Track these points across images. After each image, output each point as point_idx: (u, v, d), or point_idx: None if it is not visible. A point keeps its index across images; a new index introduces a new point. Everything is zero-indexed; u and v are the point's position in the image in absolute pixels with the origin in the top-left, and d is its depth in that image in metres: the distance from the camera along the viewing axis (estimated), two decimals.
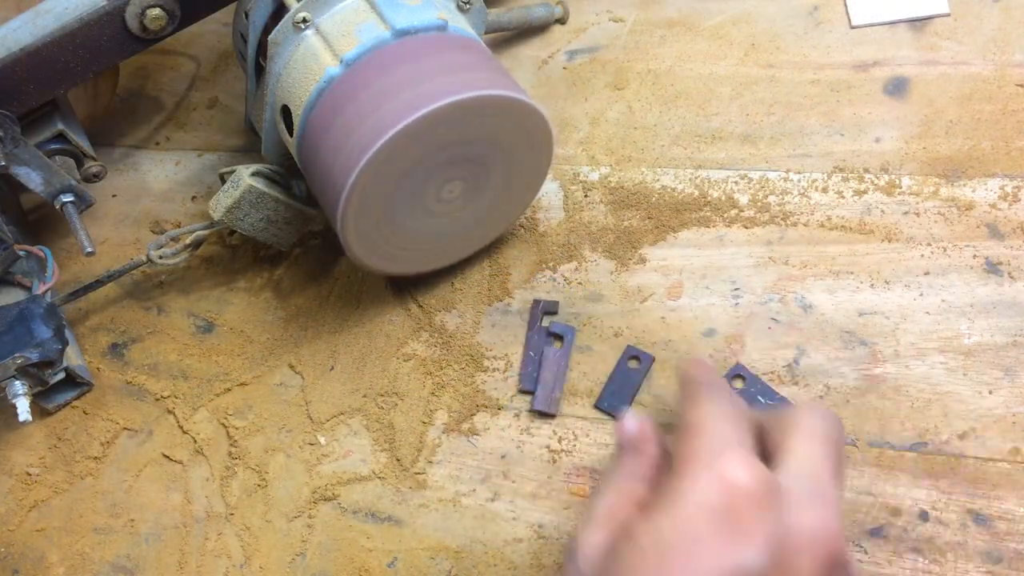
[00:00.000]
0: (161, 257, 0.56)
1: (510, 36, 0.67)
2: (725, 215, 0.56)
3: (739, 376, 0.50)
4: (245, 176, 0.52)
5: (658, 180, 0.58)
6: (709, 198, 0.56)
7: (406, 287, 0.57)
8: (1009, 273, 0.50)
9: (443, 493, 0.50)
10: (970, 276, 0.51)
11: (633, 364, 0.51)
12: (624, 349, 0.52)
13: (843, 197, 0.55)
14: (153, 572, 0.51)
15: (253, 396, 0.55)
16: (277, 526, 0.51)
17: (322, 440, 0.53)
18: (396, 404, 0.53)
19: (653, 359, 0.51)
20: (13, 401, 0.51)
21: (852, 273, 0.52)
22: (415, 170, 0.47)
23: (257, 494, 0.52)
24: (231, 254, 0.61)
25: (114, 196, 0.66)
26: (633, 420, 0.40)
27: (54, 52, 0.51)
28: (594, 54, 0.65)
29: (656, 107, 0.61)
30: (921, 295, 0.51)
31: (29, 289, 0.55)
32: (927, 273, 0.51)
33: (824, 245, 0.53)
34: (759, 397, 0.49)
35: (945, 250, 0.52)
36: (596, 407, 0.50)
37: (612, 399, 0.50)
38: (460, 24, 0.51)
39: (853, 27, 0.61)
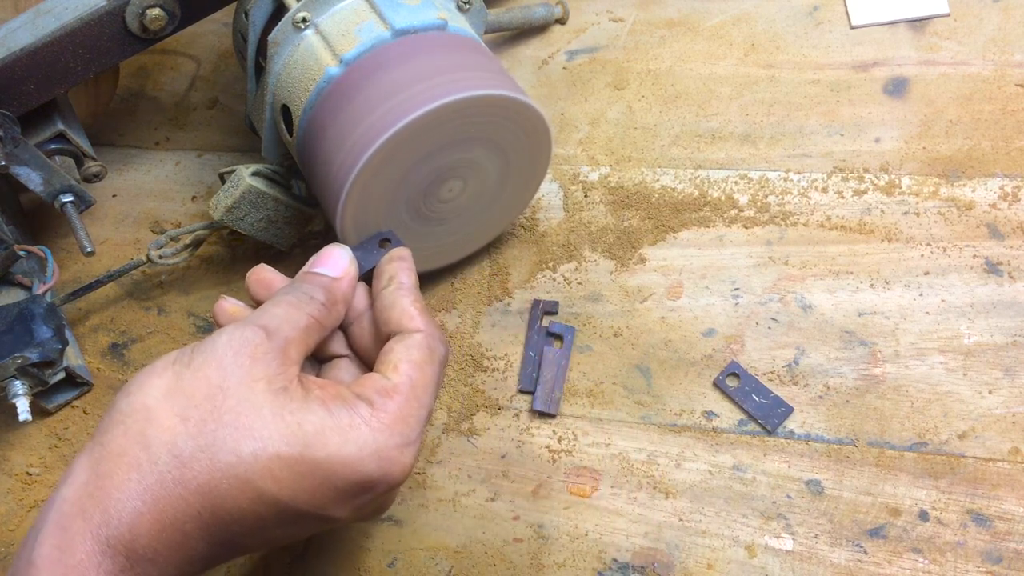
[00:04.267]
0: (161, 257, 0.56)
1: (510, 36, 0.67)
2: (725, 215, 0.56)
3: (734, 374, 0.50)
4: (245, 176, 0.52)
5: (658, 180, 0.58)
6: (709, 198, 0.56)
7: None
8: (1009, 273, 0.50)
9: (443, 493, 0.50)
10: (970, 276, 0.51)
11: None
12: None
13: (843, 197, 0.55)
14: None
15: None
16: None
17: None
18: None
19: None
20: (13, 401, 0.51)
21: (852, 273, 0.52)
22: (415, 169, 0.47)
23: None
24: (231, 254, 0.61)
25: (114, 196, 0.66)
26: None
27: (54, 52, 0.52)
28: (594, 54, 0.65)
29: (656, 107, 0.61)
30: (921, 295, 0.51)
31: (29, 289, 0.55)
32: (927, 273, 0.51)
33: (824, 245, 0.53)
34: (753, 395, 0.49)
35: (945, 250, 0.52)
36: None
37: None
38: (460, 24, 0.51)
39: (853, 27, 0.61)
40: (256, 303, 0.42)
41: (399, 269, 0.42)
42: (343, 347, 0.43)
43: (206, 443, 0.33)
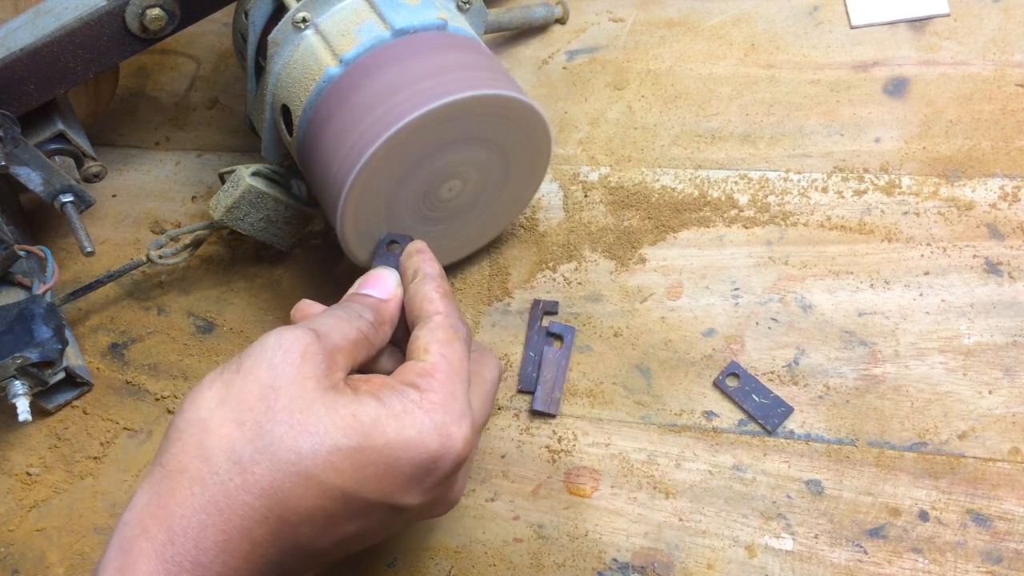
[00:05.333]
0: (161, 257, 0.56)
1: (510, 36, 0.67)
2: (725, 215, 0.56)
3: (734, 374, 0.50)
4: (245, 176, 0.52)
5: (658, 180, 0.58)
6: (709, 198, 0.56)
7: None
8: (1009, 273, 0.50)
9: None
10: (970, 276, 0.51)
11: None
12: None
13: (843, 197, 0.55)
14: None
15: None
16: None
17: None
18: None
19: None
20: (13, 401, 0.51)
21: (852, 273, 0.52)
22: (414, 169, 0.47)
23: None
24: (231, 254, 0.61)
25: (114, 196, 0.66)
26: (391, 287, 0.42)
27: (54, 52, 0.52)
28: (594, 54, 0.65)
29: (656, 107, 0.61)
30: (921, 295, 0.51)
31: (29, 289, 0.55)
32: (927, 273, 0.51)
33: (824, 245, 0.53)
34: (753, 395, 0.49)
35: (945, 250, 0.52)
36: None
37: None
38: (460, 24, 0.51)
39: (853, 27, 0.61)
40: None
41: (421, 261, 0.43)
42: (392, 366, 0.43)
43: (264, 444, 0.33)
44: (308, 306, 0.42)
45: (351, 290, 0.42)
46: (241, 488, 0.32)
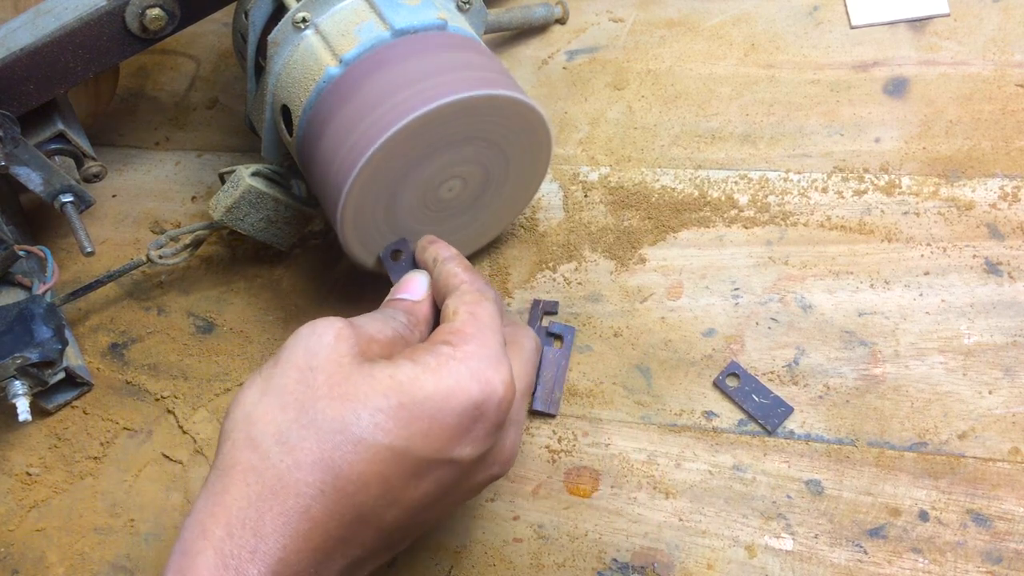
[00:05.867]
0: (161, 257, 0.56)
1: (510, 36, 0.67)
2: (725, 215, 0.56)
3: (734, 374, 0.50)
4: (245, 176, 0.52)
5: (658, 180, 0.58)
6: (709, 198, 0.56)
7: None
8: (1009, 273, 0.50)
9: None
10: (970, 276, 0.51)
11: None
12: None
13: (843, 197, 0.55)
14: (153, 572, 0.51)
15: None
16: None
17: None
18: None
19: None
20: (13, 401, 0.51)
21: (852, 273, 0.52)
22: (414, 170, 0.47)
23: None
24: (231, 254, 0.61)
25: (114, 196, 0.66)
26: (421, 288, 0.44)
27: (54, 52, 0.52)
28: (594, 54, 0.65)
29: (656, 107, 0.61)
30: (921, 295, 0.51)
31: (29, 289, 0.55)
32: (927, 273, 0.51)
33: (824, 245, 0.53)
34: (753, 395, 0.49)
35: (945, 250, 0.52)
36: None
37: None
38: (460, 24, 0.51)
39: (853, 27, 0.61)
40: None
41: (437, 249, 0.44)
42: None
43: (308, 420, 0.34)
44: None
45: (388, 297, 0.44)
46: (293, 467, 0.33)
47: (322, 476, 0.33)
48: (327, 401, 0.34)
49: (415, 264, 0.47)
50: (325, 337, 0.36)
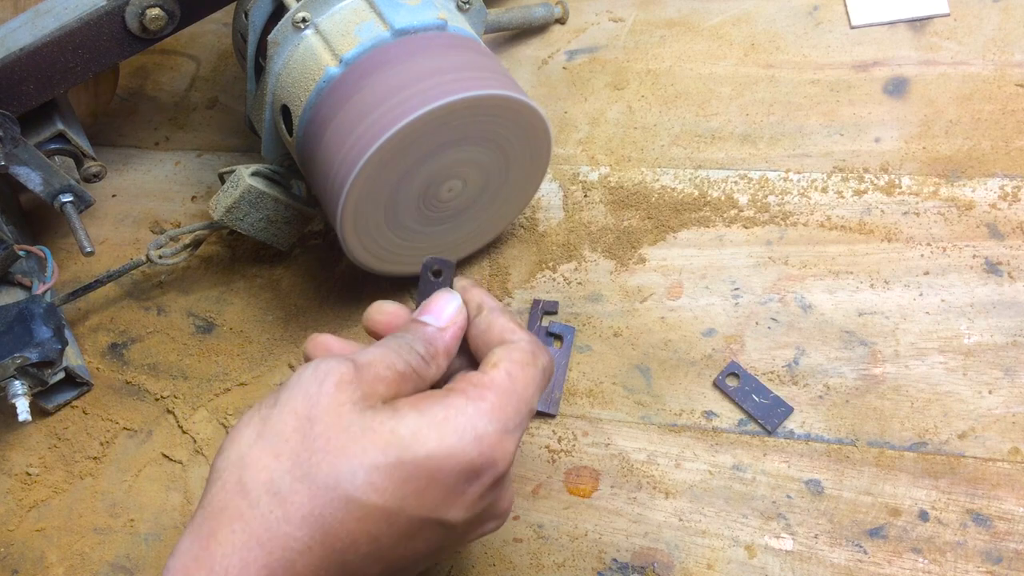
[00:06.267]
0: (161, 257, 0.56)
1: (510, 36, 0.67)
2: (725, 215, 0.56)
3: (734, 374, 0.50)
4: (245, 176, 0.52)
5: (658, 180, 0.58)
6: (709, 198, 0.56)
7: (406, 287, 0.57)
8: (1009, 273, 0.50)
9: None
10: (970, 276, 0.51)
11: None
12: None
13: (843, 197, 0.55)
14: (153, 572, 0.51)
15: (253, 396, 0.55)
16: None
17: None
18: None
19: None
20: (13, 401, 0.51)
21: (852, 273, 0.52)
22: (414, 169, 0.47)
23: None
24: (231, 254, 0.61)
25: (114, 196, 0.66)
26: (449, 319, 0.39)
27: (54, 52, 0.51)
28: (594, 54, 0.65)
29: (656, 107, 0.61)
30: (921, 295, 0.51)
31: (29, 289, 0.55)
32: (927, 273, 0.51)
33: (824, 245, 0.53)
34: (753, 395, 0.49)
35: (945, 250, 0.52)
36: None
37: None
38: (460, 24, 0.51)
39: (853, 27, 0.61)
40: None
41: (482, 296, 0.40)
42: None
43: (303, 473, 0.32)
44: (325, 340, 0.40)
45: (414, 314, 0.40)
46: (282, 519, 0.32)
47: (311, 532, 0.32)
48: (323, 455, 0.33)
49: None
50: (326, 384, 0.34)
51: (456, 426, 0.34)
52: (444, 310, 0.39)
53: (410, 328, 0.39)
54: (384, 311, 0.40)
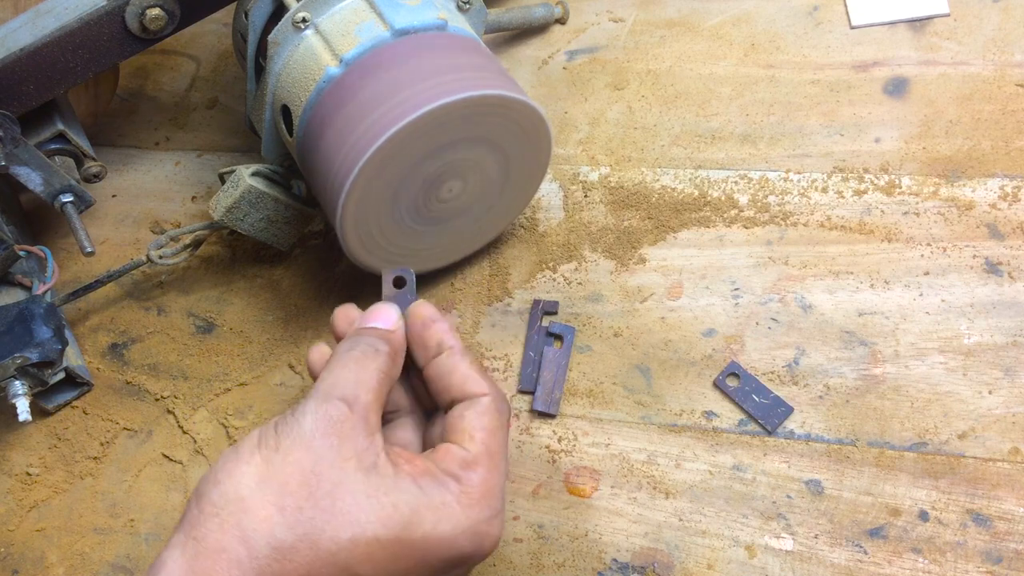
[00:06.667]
0: (161, 257, 0.56)
1: (510, 36, 0.67)
2: (725, 215, 0.56)
3: (734, 374, 0.50)
4: (245, 176, 0.52)
5: (658, 180, 0.58)
6: (709, 198, 0.56)
7: None
8: (1009, 273, 0.50)
9: None
10: (970, 276, 0.51)
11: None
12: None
13: (843, 197, 0.55)
14: None
15: (253, 396, 0.55)
16: None
17: None
18: None
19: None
20: (13, 401, 0.51)
21: (852, 273, 0.52)
22: (414, 169, 0.47)
23: None
24: (231, 254, 0.61)
25: (114, 196, 0.66)
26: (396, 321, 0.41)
27: (54, 52, 0.51)
28: (594, 54, 0.65)
29: (656, 107, 0.61)
30: (921, 295, 0.51)
31: (29, 289, 0.55)
32: (927, 273, 0.51)
33: (824, 245, 0.53)
34: (753, 395, 0.49)
35: (945, 250, 0.52)
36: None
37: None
38: (460, 24, 0.51)
39: (853, 27, 0.61)
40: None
41: (442, 332, 0.41)
42: (403, 399, 0.43)
43: (304, 532, 0.33)
44: (322, 354, 0.41)
45: (356, 324, 0.41)
46: (279, 574, 0.33)
47: None
48: (328, 516, 0.33)
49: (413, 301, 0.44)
50: (329, 438, 0.35)
51: (452, 515, 0.35)
52: (389, 316, 0.41)
53: (365, 333, 0.40)
54: (350, 317, 0.42)
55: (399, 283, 0.43)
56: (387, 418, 0.42)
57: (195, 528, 0.34)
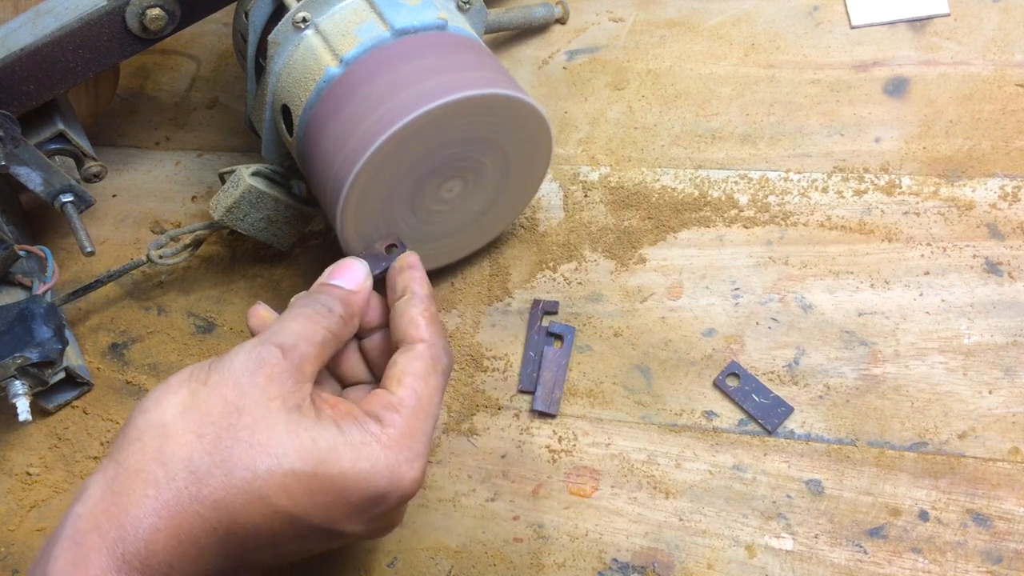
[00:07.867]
0: (161, 257, 0.56)
1: (510, 36, 0.67)
2: (725, 215, 0.56)
3: (734, 374, 0.50)
4: (245, 176, 0.52)
5: (658, 180, 0.58)
6: (709, 198, 0.56)
7: None
8: (1009, 273, 0.50)
9: (443, 493, 0.50)
10: (970, 276, 0.51)
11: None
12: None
13: (843, 197, 0.55)
14: None
15: None
16: None
17: None
18: None
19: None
20: (13, 401, 0.51)
21: (852, 273, 0.52)
22: (414, 169, 0.47)
23: None
24: (231, 254, 0.61)
25: (114, 196, 0.66)
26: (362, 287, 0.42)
27: (54, 52, 0.52)
28: (594, 54, 0.65)
29: (656, 107, 0.61)
30: (921, 295, 0.51)
31: (29, 289, 0.55)
32: (927, 273, 0.51)
33: (824, 245, 0.53)
34: (753, 395, 0.49)
35: (945, 250, 0.52)
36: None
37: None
38: (460, 24, 0.51)
39: (853, 27, 0.61)
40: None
41: (411, 279, 0.42)
42: (365, 372, 0.44)
43: (222, 459, 0.34)
44: (263, 312, 0.42)
45: (320, 279, 0.42)
46: (195, 498, 0.33)
47: (219, 517, 0.33)
48: (245, 447, 0.34)
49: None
50: (258, 376, 0.36)
51: (370, 454, 0.36)
52: (355, 275, 0.42)
53: (323, 290, 0.41)
54: (266, 312, 0.42)
55: (391, 250, 0.44)
56: (345, 386, 0.44)
57: (118, 452, 0.35)
